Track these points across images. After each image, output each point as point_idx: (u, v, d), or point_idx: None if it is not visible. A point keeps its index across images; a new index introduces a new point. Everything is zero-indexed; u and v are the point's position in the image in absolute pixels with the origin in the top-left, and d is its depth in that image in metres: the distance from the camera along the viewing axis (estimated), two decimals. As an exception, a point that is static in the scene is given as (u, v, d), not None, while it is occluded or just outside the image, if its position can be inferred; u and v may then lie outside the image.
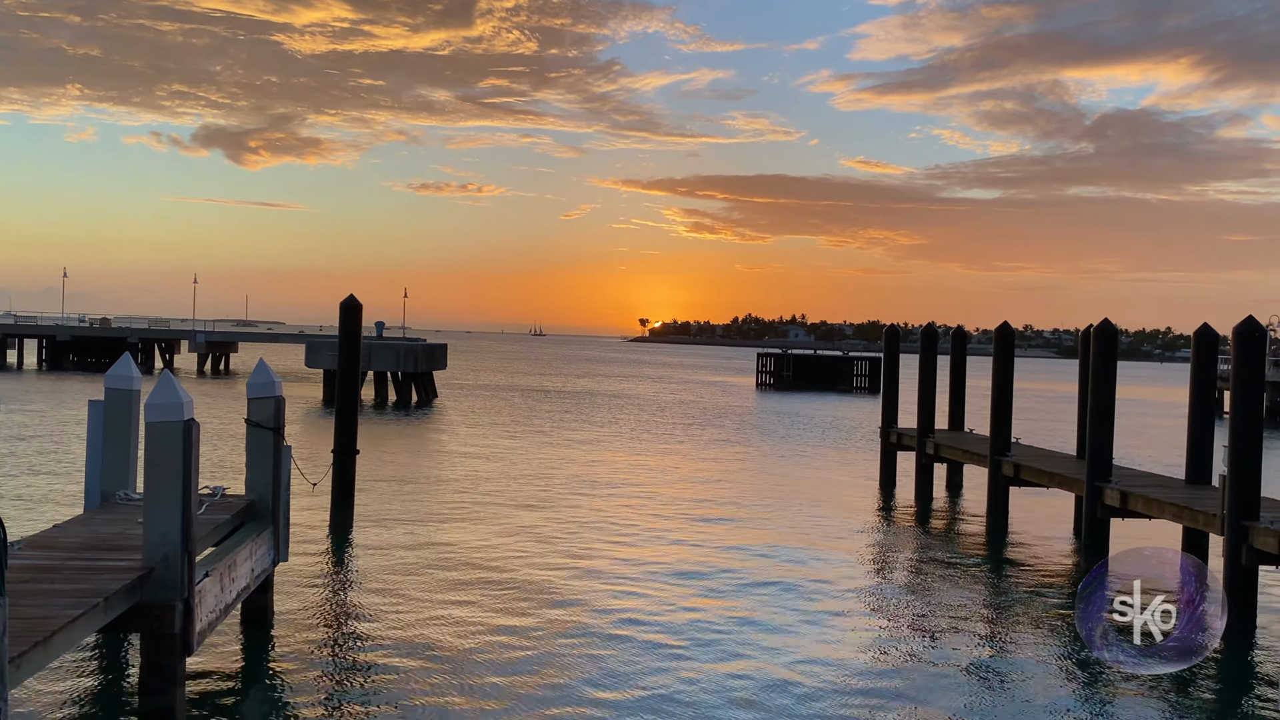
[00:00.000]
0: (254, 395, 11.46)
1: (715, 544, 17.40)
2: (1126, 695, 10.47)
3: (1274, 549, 12.53)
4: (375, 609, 12.47)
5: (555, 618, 12.41)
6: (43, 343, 71.26)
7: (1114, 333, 17.14)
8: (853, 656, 11.43)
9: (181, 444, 8.37)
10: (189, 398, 8.56)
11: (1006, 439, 20.13)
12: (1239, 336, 13.79)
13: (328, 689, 9.73)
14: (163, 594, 8.24)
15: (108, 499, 11.15)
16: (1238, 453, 13.24)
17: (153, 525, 8.33)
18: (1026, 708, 10.02)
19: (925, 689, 10.45)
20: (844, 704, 9.89)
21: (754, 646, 11.57)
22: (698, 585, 14.39)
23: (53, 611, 7.17)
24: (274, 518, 11.52)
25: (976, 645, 12.20)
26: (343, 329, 18.56)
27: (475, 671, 10.31)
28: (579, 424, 40.47)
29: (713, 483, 25.44)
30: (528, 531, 17.77)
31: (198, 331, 72.91)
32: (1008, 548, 18.29)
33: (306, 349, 52.76)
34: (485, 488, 22.73)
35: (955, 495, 23.91)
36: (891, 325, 28.19)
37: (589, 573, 14.88)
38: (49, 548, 9.17)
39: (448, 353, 56.61)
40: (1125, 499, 15.85)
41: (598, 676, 10.34)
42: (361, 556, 15.40)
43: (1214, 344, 16.31)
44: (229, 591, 9.69)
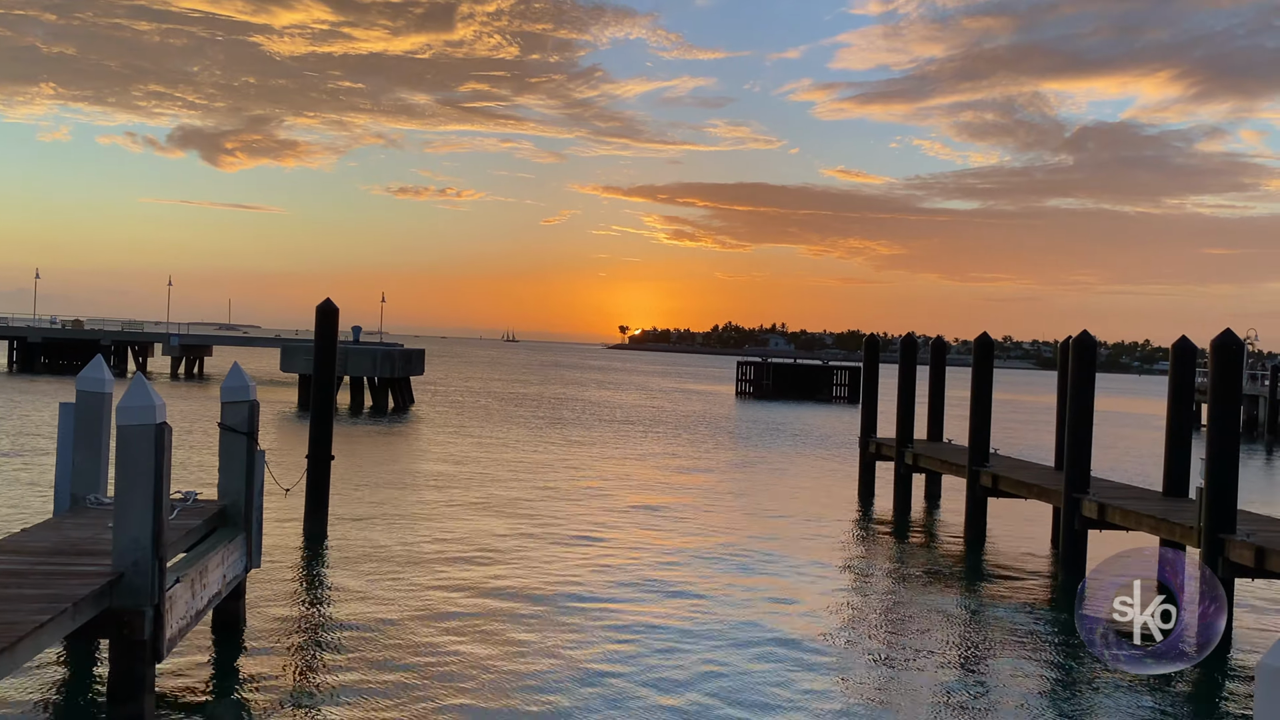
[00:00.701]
0: (228, 399, 11.35)
1: (690, 552, 17.33)
2: (1101, 705, 10.46)
3: (1249, 561, 12.57)
4: (348, 616, 12.33)
5: (530, 623, 12.30)
6: (13, 344, 70.41)
7: (1093, 345, 17.19)
8: (827, 667, 11.38)
9: (153, 448, 8.28)
10: (161, 401, 8.45)
11: (985, 450, 20.16)
12: (1217, 350, 13.85)
13: (299, 696, 9.60)
14: (132, 600, 8.14)
15: (78, 503, 11.00)
16: (1214, 465, 13.27)
17: (123, 530, 8.23)
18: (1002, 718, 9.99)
19: (900, 700, 10.41)
20: (818, 717, 9.83)
21: (728, 655, 11.50)
22: (673, 592, 14.31)
23: (19, 617, 7.08)
24: (246, 523, 11.40)
25: (952, 656, 12.18)
26: (319, 333, 18.41)
27: (449, 677, 10.20)
28: (556, 431, 40.35)
29: (689, 490, 25.38)
30: (503, 538, 17.65)
31: (171, 334, 72.25)
32: (985, 558, 18.30)
33: (282, 353, 52.31)
34: (461, 494, 22.59)
35: (933, 505, 23.94)
36: (871, 335, 28.20)
37: (565, 579, 14.78)
38: (16, 552, 9.04)
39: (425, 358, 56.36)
40: (1103, 511, 15.88)
41: (571, 682, 10.25)
42: (335, 563, 15.25)
43: (1192, 357, 16.37)
44: (200, 598, 9.57)
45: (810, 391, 76.09)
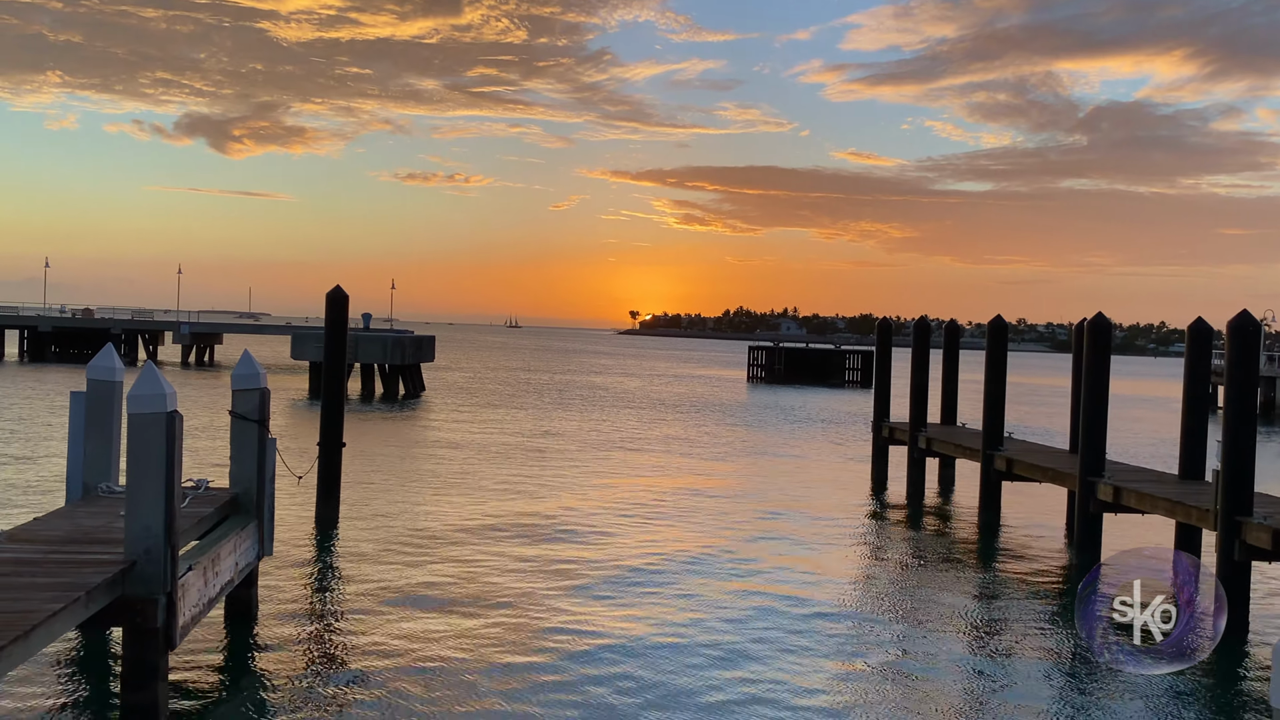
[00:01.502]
0: (239, 387, 11.31)
1: (705, 540, 17.28)
2: (1118, 692, 10.39)
3: (1267, 544, 12.46)
4: (360, 604, 12.32)
5: (544, 608, 12.27)
6: (24, 334, 70.50)
7: (1108, 327, 17.05)
8: (841, 652, 11.33)
9: (165, 436, 8.23)
10: (172, 389, 8.41)
11: (999, 433, 20.06)
12: (1233, 331, 13.71)
13: (312, 684, 9.58)
14: (145, 588, 8.12)
15: (89, 491, 10.99)
16: (1231, 448, 13.15)
17: (135, 518, 8.20)
18: (1018, 705, 9.92)
19: (915, 686, 10.35)
20: (833, 702, 9.78)
21: (737, 640, 11.46)
22: (685, 578, 14.26)
23: (33, 606, 7.07)
24: (258, 511, 11.37)
25: (967, 642, 12.12)
26: (329, 320, 18.36)
27: (462, 668, 10.18)
28: (567, 418, 40.33)
29: (703, 476, 25.33)
30: (516, 526, 17.63)
31: (182, 323, 72.38)
32: (1000, 543, 18.22)
33: (292, 341, 52.40)
34: (473, 481, 22.58)
35: (947, 490, 23.85)
36: (884, 319, 28.09)
37: (578, 564, 14.75)
38: (29, 541, 9.04)
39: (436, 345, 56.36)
40: (1118, 494, 15.77)
41: (586, 675, 10.21)
42: (347, 550, 15.24)
43: (1208, 339, 16.22)
44: (212, 586, 9.55)
45: (823, 376, 75.90)
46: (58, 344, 70.02)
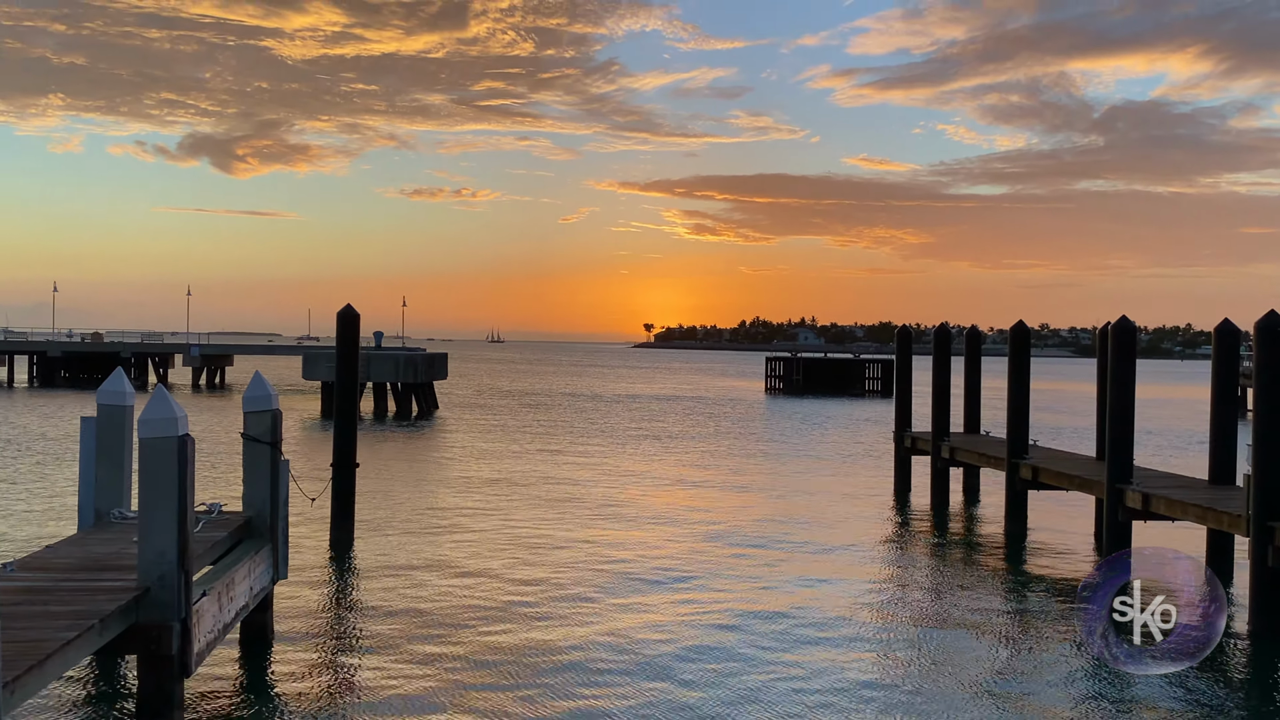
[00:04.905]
0: (250, 409, 11.20)
1: (728, 551, 17.05)
2: (1149, 702, 10.11)
3: (1303, 549, 12.17)
4: (377, 628, 12.13)
5: (562, 635, 12.06)
6: (34, 359, 70.76)
7: (1132, 330, 16.80)
8: (867, 663, 11.12)
9: (176, 460, 8.14)
10: (183, 412, 8.30)
11: (1024, 441, 19.78)
12: (1261, 332, 13.44)
13: (330, 709, 9.41)
14: (159, 614, 8.02)
15: (102, 518, 10.86)
16: (1262, 451, 12.89)
17: (148, 544, 8.09)
18: (1049, 713, 9.66)
19: (943, 697, 10.11)
20: (858, 712, 9.55)
21: (766, 650, 11.25)
22: (709, 588, 14.04)
23: (47, 634, 6.99)
24: (272, 534, 11.25)
25: (996, 653, 11.87)
26: (340, 339, 18.22)
27: (480, 691, 9.98)
28: (583, 435, 40.14)
29: (724, 490, 25.10)
30: (533, 546, 17.42)
31: (192, 345, 72.47)
32: (1027, 553, 17.93)
33: (304, 360, 52.26)
34: (488, 501, 22.39)
35: (972, 499, 23.52)
36: (903, 326, 27.84)
37: (598, 588, 14.53)
38: (42, 569, 8.94)
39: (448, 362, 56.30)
40: (1147, 501, 15.48)
41: (614, 704, 9.99)
42: (363, 572, 15.06)
43: (1235, 340, 15.99)
44: (227, 611, 9.40)
45: (842, 386, 75.41)
46: (67, 369, 70.15)
